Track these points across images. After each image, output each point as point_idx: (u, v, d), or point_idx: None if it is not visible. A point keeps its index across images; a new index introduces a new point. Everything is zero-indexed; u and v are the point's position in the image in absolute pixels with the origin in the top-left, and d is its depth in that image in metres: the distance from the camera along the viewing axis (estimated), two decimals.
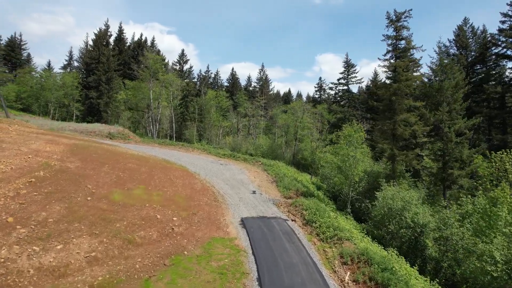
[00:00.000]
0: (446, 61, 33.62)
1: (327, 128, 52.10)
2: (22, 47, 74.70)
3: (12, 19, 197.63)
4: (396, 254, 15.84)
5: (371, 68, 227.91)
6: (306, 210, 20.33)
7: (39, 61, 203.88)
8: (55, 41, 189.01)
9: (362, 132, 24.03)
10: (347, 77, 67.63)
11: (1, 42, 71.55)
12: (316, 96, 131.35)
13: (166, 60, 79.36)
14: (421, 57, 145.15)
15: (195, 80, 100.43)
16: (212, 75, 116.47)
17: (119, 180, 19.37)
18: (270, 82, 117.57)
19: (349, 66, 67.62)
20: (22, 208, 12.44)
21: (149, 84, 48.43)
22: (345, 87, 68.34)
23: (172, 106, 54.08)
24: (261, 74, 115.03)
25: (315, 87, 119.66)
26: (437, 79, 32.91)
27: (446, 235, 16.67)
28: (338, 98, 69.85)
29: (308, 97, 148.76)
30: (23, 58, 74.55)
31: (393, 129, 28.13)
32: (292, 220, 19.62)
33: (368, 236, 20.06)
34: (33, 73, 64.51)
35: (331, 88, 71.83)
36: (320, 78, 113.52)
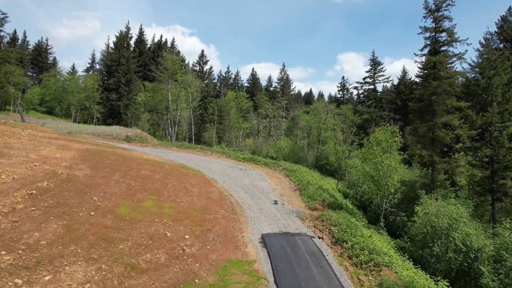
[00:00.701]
0: (486, 55, 29.83)
1: (353, 130, 48.94)
2: (49, 51, 76.68)
3: (43, 25, 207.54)
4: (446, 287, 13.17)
5: (394, 66, 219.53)
6: (335, 226, 17.93)
7: (66, 65, 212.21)
8: (82, 45, 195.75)
9: (398, 137, 21.22)
10: (374, 75, 63.87)
11: (29, 47, 73.80)
12: (339, 96, 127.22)
13: (187, 61, 78.83)
14: (466, 51, 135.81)
15: (215, 81, 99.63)
16: (233, 76, 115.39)
17: (130, 189, 17.86)
18: (291, 82, 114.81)
19: (375, 64, 63.85)
20: (14, 227, 11.00)
21: (168, 86, 47.45)
22: (372, 86, 64.54)
23: (191, 108, 52.95)
24: (282, 74, 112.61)
25: (338, 86, 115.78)
26: (480, 76, 29.23)
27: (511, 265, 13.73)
28: (364, 98, 66.11)
29: (330, 97, 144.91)
30: (49, 62, 76.49)
31: (433, 133, 24.99)
32: (319, 238, 17.29)
33: (406, 255, 17.40)
34: (58, 76, 65.72)
35: (356, 88, 68.22)
36: (343, 77, 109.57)
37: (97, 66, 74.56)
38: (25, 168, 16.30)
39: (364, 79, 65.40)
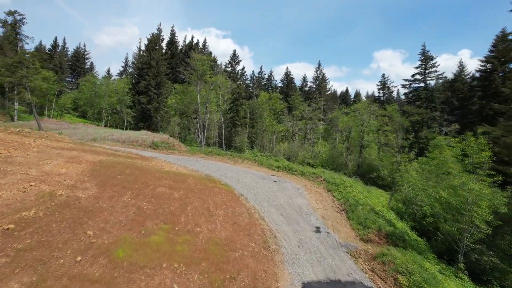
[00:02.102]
0: None
1: (403, 135, 42.74)
2: (86, 57, 78.32)
3: (87, 33, 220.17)
4: None
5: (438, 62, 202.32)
6: (403, 274, 13.18)
7: (106, 70, 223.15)
8: (121, 50, 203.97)
9: (487, 152, 15.81)
10: (425, 72, 56.49)
11: (68, 54, 75.84)
12: (379, 95, 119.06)
13: (219, 62, 76.48)
14: None
15: (248, 81, 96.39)
16: (266, 76, 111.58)
17: (139, 215, 14.55)
18: (327, 81, 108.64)
19: (426, 58, 56.45)
20: None
21: (197, 87, 44.73)
22: (422, 84, 57.17)
23: (222, 111, 49.90)
24: (318, 73, 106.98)
25: (378, 85, 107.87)
26: None
27: None
28: (414, 97, 58.84)
29: (368, 96, 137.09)
30: (86, 67, 78.14)
31: None
32: None
33: None
34: (95, 81, 66.49)
35: (404, 86, 60.99)
36: (383, 75, 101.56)
37: (130, 70, 74.68)
38: (16, 190, 13.58)
39: (413, 76, 58.22)
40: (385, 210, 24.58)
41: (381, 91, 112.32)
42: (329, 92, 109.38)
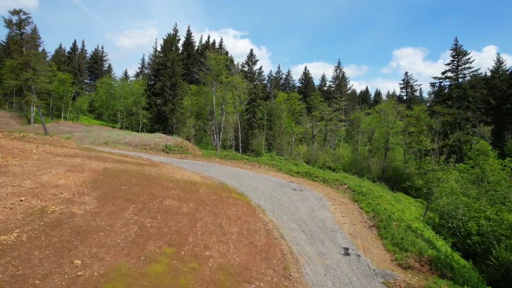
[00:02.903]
0: None
1: (437, 138, 39.19)
2: (104, 59, 78.64)
3: (109, 36, 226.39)
4: None
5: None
6: None
7: (123, 72, 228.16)
8: (141, 52, 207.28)
9: None
10: (457, 68, 52.18)
11: (87, 56, 76.43)
12: (402, 94, 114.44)
13: (236, 62, 74.69)
14: None
15: (265, 82, 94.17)
16: (283, 76, 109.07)
17: (140, 236, 12.65)
18: (347, 80, 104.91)
19: (459, 53, 52.13)
20: None
21: (212, 88, 42.93)
22: (454, 82, 52.88)
23: (238, 112, 47.90)
24: (338, 71, 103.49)
25: (400, 83, 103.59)
26: None
27: None
28: (444, 96, 54.58)
29: (388, 95, 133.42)
30: (104, 69, 78.48)
31: None
32: None
33: None
34: (113, 82, 66.37)
35: (433, 84, 56.81)
36: (406, 73, 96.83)
37: (146, 71, 74.26)
38: (3, 206, 11.98)
39: (443, 73, 53.98)
40: (422, 226, 21.61)
41: (403, 90, 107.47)
42: (349, 91, 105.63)
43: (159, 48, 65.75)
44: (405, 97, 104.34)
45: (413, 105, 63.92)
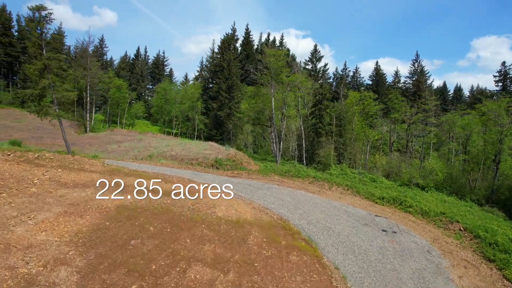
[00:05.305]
0: None
1: None
2: (165, 64, 78.63)
3: (177, 43, 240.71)
4: None
5: None
6: None
7: (184, 76, 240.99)
8: (205, 56, 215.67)
9: None
10: None
11: (149, 62, 77.25)
12: (497, 89, 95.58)
13: (298, 60, 67.43)
14: None
15: (331, 80, 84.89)
16: (350, 74, 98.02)
17: None
18: (428, 75, 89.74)
19: None
20: None
21: (271, 89, 36.48)
22: None
23: (301, 116, 40.63)
24: (416, 65, 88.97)
25: (495, 76, 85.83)
26: None
27: None
28: None
29: (472, 91, 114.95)
30: (165, 73, 78.44)
31: None
32: None
33: None
34: (166, 87, 65.08)
35: None
36: (503, 63, 78.78)
37: (204, 73, 71.71)
38: None
39: None
40: None
41: (499, 84, 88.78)
42: (433, 87, 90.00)
43: (216, 50, 62.23)
44: (501, 93, 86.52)
45: None
